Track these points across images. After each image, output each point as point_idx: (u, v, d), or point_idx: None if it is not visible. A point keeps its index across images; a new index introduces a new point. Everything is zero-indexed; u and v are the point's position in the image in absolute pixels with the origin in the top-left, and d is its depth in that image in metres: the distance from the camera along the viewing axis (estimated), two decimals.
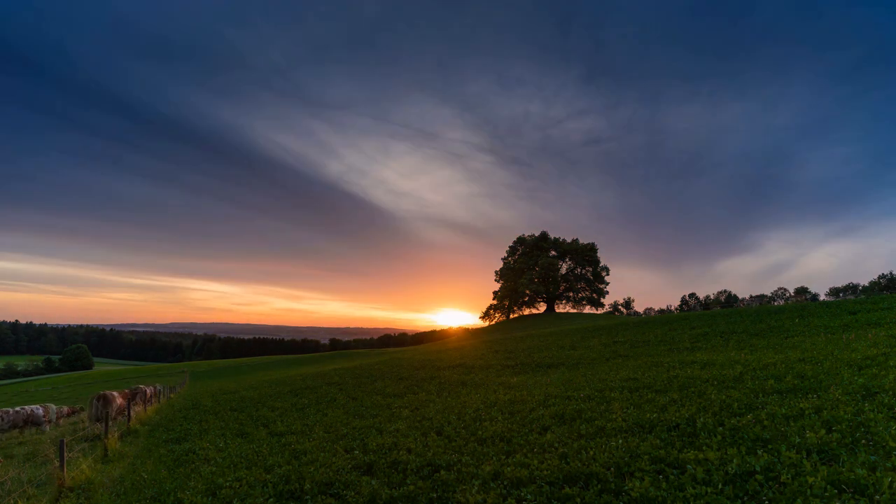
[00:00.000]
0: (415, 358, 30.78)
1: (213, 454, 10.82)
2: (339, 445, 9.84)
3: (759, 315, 26.21)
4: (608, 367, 16.62)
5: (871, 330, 16.35)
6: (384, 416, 12.76)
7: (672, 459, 6.17)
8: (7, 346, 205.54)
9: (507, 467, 6.81)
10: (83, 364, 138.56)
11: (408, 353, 42.57)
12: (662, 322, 31.22)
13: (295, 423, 13.52)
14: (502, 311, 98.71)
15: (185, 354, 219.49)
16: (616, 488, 5.61)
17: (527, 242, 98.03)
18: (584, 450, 7.12)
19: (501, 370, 20.25)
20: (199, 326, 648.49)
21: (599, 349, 22.55)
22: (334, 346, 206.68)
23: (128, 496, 8.44)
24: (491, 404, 11.95)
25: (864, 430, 6.07)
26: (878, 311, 21.01)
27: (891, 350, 11.36)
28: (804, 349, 13.92)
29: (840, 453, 5.48)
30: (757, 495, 4.83)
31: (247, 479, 8.15)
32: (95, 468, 10.58)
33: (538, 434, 8.58)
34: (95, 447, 13.24)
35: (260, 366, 62.65)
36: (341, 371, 28.73)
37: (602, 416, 9.06)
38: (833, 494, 4.56)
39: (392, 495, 6.40)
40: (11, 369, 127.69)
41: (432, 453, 8.15)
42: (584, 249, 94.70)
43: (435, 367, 23.37)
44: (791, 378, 9.75)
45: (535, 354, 23.75)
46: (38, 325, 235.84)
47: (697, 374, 11.77)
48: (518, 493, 5.89)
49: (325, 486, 7.33)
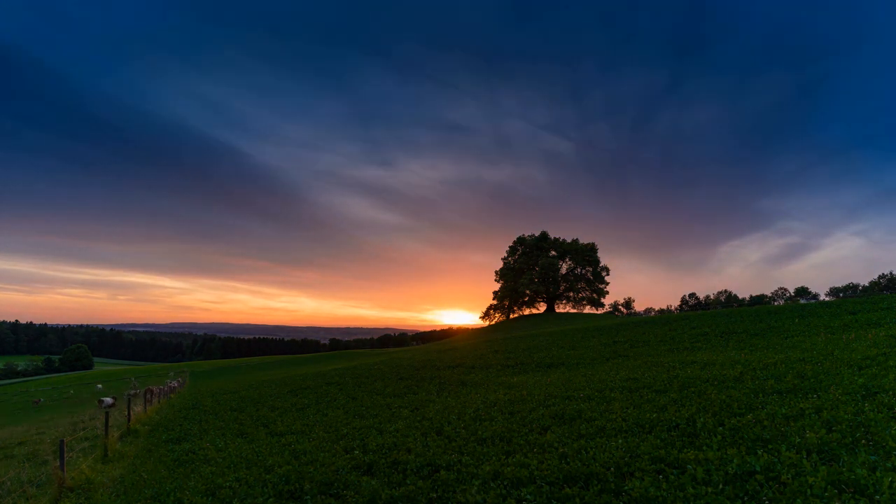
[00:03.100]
0: (415, 358, 30.78)
1: (213, 454, 10.82)
2: (339, 445, 9.84)
3: (759, 315, 26.21)
4: (608, 367, 16.62)
5: (871, 330, 16.34)
6: (384, 416, 12.75)
7: (672, 459, 6.17)
8: (7, 346, 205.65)
9: (507, 467, 6.81)
10: (83, 364, 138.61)
11: (408, 353, 42.57)
12: (662, 322, 31.22)
13: (295, 423, 13.52)
14: (502, 311, 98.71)
15: (185, 354, 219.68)
16: (616, 488, 5.61)
17: (527, 242, 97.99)
18: (584, 450, 7.12)
19: (501, 370, 20.25)
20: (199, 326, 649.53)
21: (599, 349, 22.55)
22: (334, 346, 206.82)
23: (128, 496, 8.44)
24: (491, 404, 11.95)
25: (864, 430, 6.06)
26: (878, 311, 21.02)
27: (891, 350, 11.36)
28: (804, 349, 13.92)
29: (840, 453, 5.48)
30: (757, 495, 4.83)
31: (247, 479, 8.14)
32: (95, 468, 10.58)
33: (538, 434, 8.58)
34: (95, 447, 13.25)
35: (260, 366, 62.65)
36: (341, 371, 28.73)
37: (602, 416, 9.05)
38: (833, 494, 4.56)
39: (392, 495, 6.39)
40: (11, 369, 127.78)
41: (432, 453, 8.14)
42: (584, 249, 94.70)
43: (435, 366, 23.37)
44: (791, 378, 9.75)
45: (535, 354, 23.75)
46: (38, 325, 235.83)
47: (697, 374, 11.77)
48: (518, 493, 5.88)
49: (325, 486, 7.32)
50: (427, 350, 44.68)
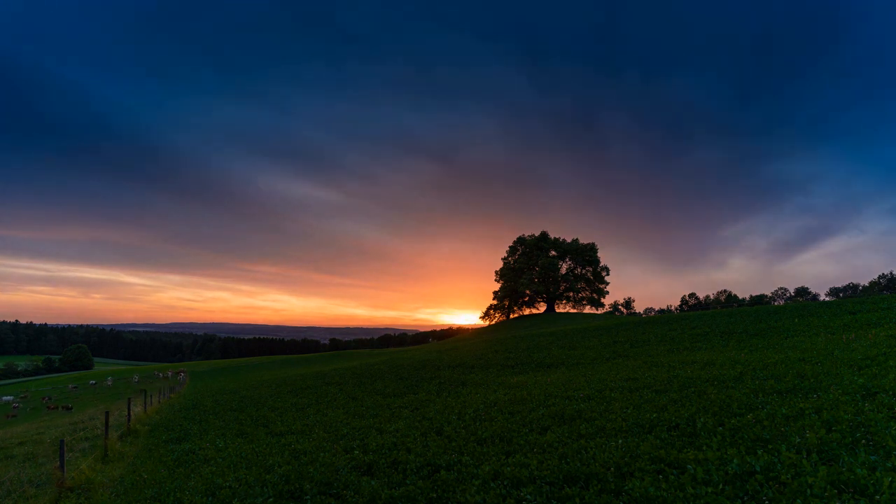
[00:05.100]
0: (415, 358, 30.78)
1: (212, 454, 10.82)
2: (339, 445, 9.84)
3: (759, 315, 26.22)
4: (608, 367, 16.62)
5: (871, 330, 16.34)
6: (384, 416, 12.75)
7: (672, 459, 6.17)
8: (7, 346, 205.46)
9: (507, 467, 6.81)
10: (83, 364, 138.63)
11: (408, 353, 42.58)
12: (662, 322, 31.23)
13: (295, 423, 13.51)
14: (502, 311, 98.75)
15: (185, 354, 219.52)
16: (616, 488, 5.60)
17: (527, 242, 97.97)
18: (584, 450, 7.12)
19: (501, 370, 20.25)
20: (199, 326, 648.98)
21: (599, 349, 22.55)
22: (334, 346, 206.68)
23: (128, 496, 8.44)
24: (491, 404, 11.95)
25: (864, 430, 6.06)
26: (878, 311, 21.02)
27: (891, 350, 11.36)
28: (804, 349, 13.92)
29: (840, 453, 5.48)
30: (757, 495, 4.83)
31: (247, 479, 8.14)
32: (95, 468, 10.57)
33: (538, 434, 8.58)
34: (95, 447, 13.25)
35: (260, 366, 62.64)
36: (341, 371, 28.72)
37: (602, 416, 9.06)
38: (833, 494, 4.56)
39: (392, 495, 6.39)
40: (11, 369, 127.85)
41: (432, 453, 8.14)
42: (584, 249, 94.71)
43: (435, 366, 23.36)
44: (791, 378, 9.75)
45: (535, 354, 23.75)
46: (38, 325, 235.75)
47: (697, 374, 11.78)
48: (518, 493, 5.88)
49: (325, 486, 7.32)
50: (427, 350, 44.69)
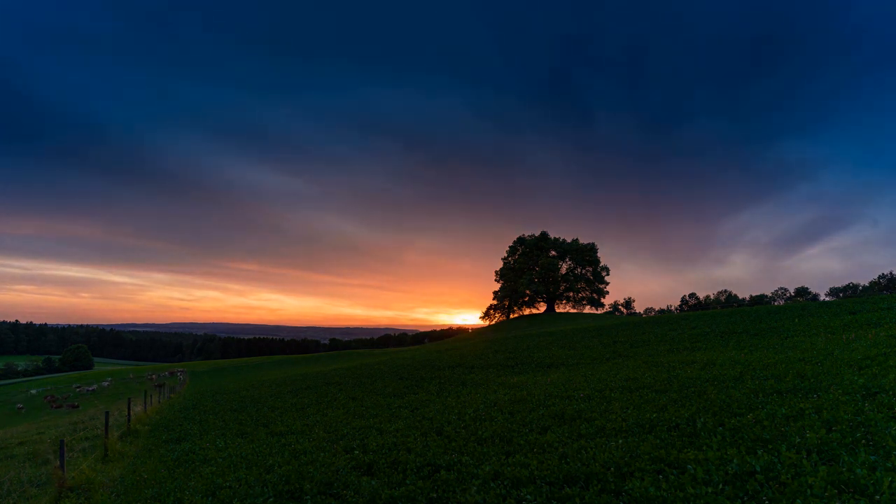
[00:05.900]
0: (415, 358, 30.78)
1: (213, 454, 10.82)
2: (339, 445, 9.84)
3: (759, 315, 26.22)
4: (608, 367, 16.62)
5: (871, 330, 16.34)
6: (384, 416, 12.75)
7: (672, 459, 6.17)
8: (7, 346, 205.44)
9: (507, 467, 6.81)
10: (83, 364, 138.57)
11: (408, 353, 42.57)
12: (662, 322, 31.23)
13: (295, 423, 13.51)
14: (502, 311, 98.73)
15: (185, 354, 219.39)
16: (616, 488, 5.61)
17: (527, 242, 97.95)
18: (584, 450, 7.12)
19: (501, 370, 20.25)
20: (199, 326, 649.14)
21: (599, 349, 22.55)
22: (334, 346, 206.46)
23: (128, 496, 8.44)
24: (491, 404, 11.95)
25: (864, 430, 6.07)
26: (878, 311, 21.02)
27: (891, 350, 11.35)
28: (804, 349, 13.92)
29: (840, 453, 5.48)
30: (757, 495, 4.83)
31: (247, 479, 8.14)
32: (95, 468, 10.57)
33: (538, 434, 8.58)
34: (95, 447, 13.25)
35: (260, 366, 62.62)
36: (341, 371, 28.72)
37: (602, 416, 9.06)
38: (833, 494, 4.56)
39: (392, 495, 6.39)
40: (11, 369, 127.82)
41: (432, 453, 8.15)
42: (584, 249, 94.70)
43: (435, 366, 23.36)
44: (791, 378, 9.75)
45: (535, 354, 23.75)
46: (38, 325, 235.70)
47: (697, 374, 11.78)
48: (518, 493, 5.89)
49: (325, 486, 7.32)
50: (427, 350, 44.70)
